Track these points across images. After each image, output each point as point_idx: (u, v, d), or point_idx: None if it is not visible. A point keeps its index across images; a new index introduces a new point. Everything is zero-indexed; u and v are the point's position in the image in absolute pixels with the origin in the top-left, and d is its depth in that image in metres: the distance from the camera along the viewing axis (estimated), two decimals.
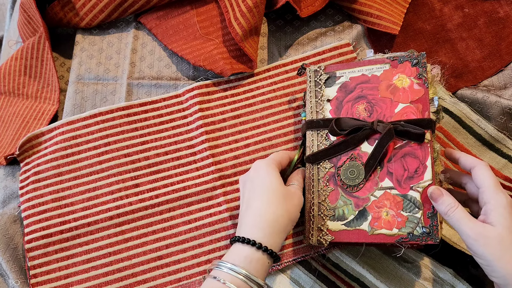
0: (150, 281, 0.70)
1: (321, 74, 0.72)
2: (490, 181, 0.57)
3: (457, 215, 0.56)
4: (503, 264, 0.52)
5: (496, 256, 0.52)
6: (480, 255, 0.54)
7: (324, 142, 0.67)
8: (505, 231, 0.53)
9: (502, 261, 0.52)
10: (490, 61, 0.82)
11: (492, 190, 0.56)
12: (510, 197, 0.56)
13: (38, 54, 0.87)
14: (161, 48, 0.86)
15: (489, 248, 0.53)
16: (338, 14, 0.87)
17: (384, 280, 0.67)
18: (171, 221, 0.72)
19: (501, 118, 0.76)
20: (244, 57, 0.82)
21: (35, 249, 0.71)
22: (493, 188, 0.56)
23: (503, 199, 0.55)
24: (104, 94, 0.83)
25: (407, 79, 0.66)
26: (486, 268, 0.54)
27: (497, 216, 0.54)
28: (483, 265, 0.54)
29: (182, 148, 0.76)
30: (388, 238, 0.60)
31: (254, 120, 0.78)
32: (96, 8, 0.86)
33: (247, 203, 0.62)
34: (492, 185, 0.57)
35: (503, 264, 0.52)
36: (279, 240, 0.59)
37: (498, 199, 0.55)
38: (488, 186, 0.57)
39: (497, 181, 0.57)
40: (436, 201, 0.58)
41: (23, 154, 0.78)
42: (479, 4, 0.87)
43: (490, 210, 0.55)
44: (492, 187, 0.57)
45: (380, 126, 0.63)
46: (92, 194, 0.74)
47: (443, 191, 0.58)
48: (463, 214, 0.56)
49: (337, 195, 0.64)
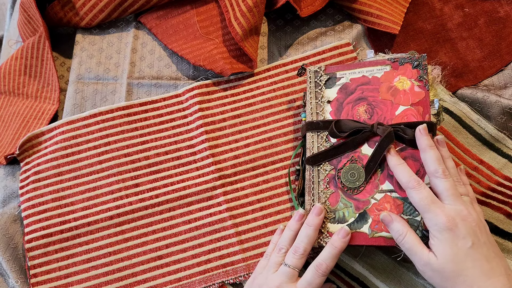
0: (150, 280, 0.70)
1: (321, 75, 0.72)
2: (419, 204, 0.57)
3: (406, 245, 0.56)
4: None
5: (438, 286, 0.55)
6: (428, 281, 0.57)
7: (324, 144, 0.67)
8: (444, 262, 0.54)
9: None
10: (490, 60, 0.82)
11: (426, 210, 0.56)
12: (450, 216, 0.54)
13: (38, 53, 0.86)
14: (161, 47, 0.86)
15: (433, 279, 0.55)
16: (338, 14, 0.86)
17: (384, 280, 0.67)
18: (171, 220, 0.73)
19: (501, 117, 0.76)
20: (244, 57, 0.82)
21: (35, 248, 0.71)
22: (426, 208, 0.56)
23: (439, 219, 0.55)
24: (104, 93, 0.83)
25: (407, 81, 0.66)
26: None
27: (435, 243, 0.55)
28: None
29: (182, 148, 0.77)
30: (388, 241, 0.60)
31: (254, 120, 0.78)
32: (96, 8, 0.86)
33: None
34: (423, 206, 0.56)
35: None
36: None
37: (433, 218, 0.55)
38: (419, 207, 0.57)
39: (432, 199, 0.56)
40: (387, 226, 0.59)
41: (23, 153, 0.78)
42: (479, 4, 0.86)
43: (432, 236, 0.56)
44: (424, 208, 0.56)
45: (380, 129, 0.63)
46: (92, 194, 0.74)
47: (393, 216, 0.59)
48: (412, 242, 0.56)
49: (338, 198, 0.64)
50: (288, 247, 0.63)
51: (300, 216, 0.65)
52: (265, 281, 0.61)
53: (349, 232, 0.62)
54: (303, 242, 0.62)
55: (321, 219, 0.63)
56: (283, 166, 0.75)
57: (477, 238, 0.54)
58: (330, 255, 0.60)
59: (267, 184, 0.74)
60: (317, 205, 0.64)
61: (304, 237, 0.62)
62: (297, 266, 0.61)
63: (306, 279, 0.59)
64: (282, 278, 0.60)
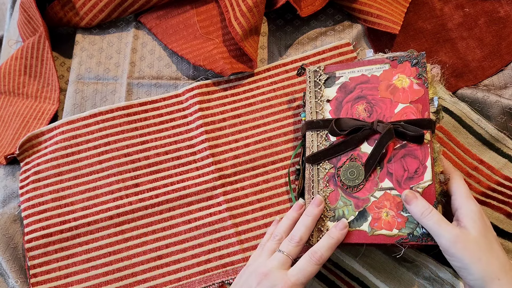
0: (150, 280, 0.70)
1: (320, 74, 0.72)
2: (462, 190, 0.60)
3: (434, 218, 0.56)
4: (481, 266, 0.53)
5: (474, 259, 0.53)
6: (458, 258, 0.54)
7: (324, 143, 0.67)
8: (479, 235, 0.55)
9: (480, 263, 0.53)
10: (491, 60, 0.82)
11: (464, 197, 0.59)
12: (479, 205, 0.58)
13: (38, 53, 0.87)
14: (161, 47, 0.86)
15: (468, 251, 0.54)
16: (338, 14, 0.86)
17: (384, 280, 0.67)
18: (171, 220, 0.72)
19: (501, 117, 0.76)
20: (244, 57, 0.82)
21: (35, 248, 0.71)
22: (465, 196, 0.59)
23: (473, 206, 0.57)
24: (104, 93, 0.83)
25: (406, 79, 0.66)
26: (462, 271, 0.55)
27: (470, 221, 0.56)
28: (459, 268, 0.55)
29: (182, 148, 0.77)
30: (388, 239, 0.60)
31: (254, 119, 0.78)
32: (96, 8, 0.86)
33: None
34: (464, 193, 0.59)
35: (480, 266, 0.53)
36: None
37: (470, 205, 0.58)
38: (460, 194, 0.59)
39: (469, 191, 0.60)
40: (409, 203, 0.59)
41: (23, 153, 0.78)
42: (479, 4, 0.86)
43: (463, 216, 0.57)
44: (464, 195, 0.59)
45: (380, 126, 0.63)
46: (92, 194, 0.74)
47: (417, 195, 0.59)
48: (439, 216, 0.56)
49: (337, 196, 0.64)
50: (284, 235, 0.62)
51: (299, 206, 0.65)
52: (256, 267, 0.60)
53: (347, 224, 0.62)
54: (300, 231, 0.61)
55: (320, 210, 0.63)
56: (283, 166, 0.75)
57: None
58: (326, 244, 0.59)
59: (267, 184, 0.74)
60: (318, 196, 0.64)
61: (301, 226, 0.62)
62: (291, 253, 0.60)
63: (298, 266, 0.58)
64: (274, 263, 0.59)
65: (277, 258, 0.60)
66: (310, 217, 0.62)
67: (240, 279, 0.62)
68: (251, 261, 0.64)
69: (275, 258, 0.60)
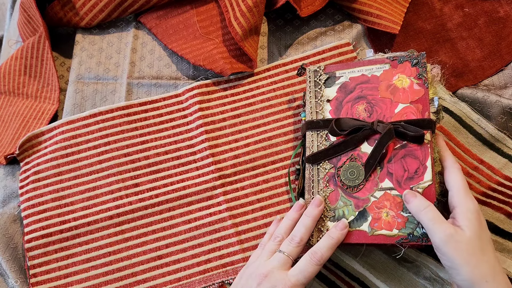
0: (149, 280, 0.70)
1: (320, 74, 0.72)
2: (459, 185, 0.59)
3: (429, 214, 0.56)
4: (470, 269, 0.53)
5: (464, 261, 0.54)
6: (448, 258, 0.54)
7: (324, 143, 0.67)
8: (473, 236, 0.54)
9: (469, 265, 0.53)
10: (491, 60, 0.82)
11: (461, 194, 0.58)
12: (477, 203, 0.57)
13: (38, 53, 0.87)
14: (161, 47, 0.86)
15: (459, 251, 0.54)
16: (338, 14, 0.86)
17: (384, 280, 0.67)
18: (171, 220, 0.72)
19: (501, 117, 0.75)
20: (244, 57, 0.82)
21: (35, 248, 0.71)
22: (463, 193, 0.58)
23: (470, 204, 0.57)
24: (104, 93, 0.83)
25: (407, 79, 0.66)
26: (451, 270, 0.55)
27: (465, 220, 0.55)
28: (448, 267, 0.55)
29: (182, 148, 0.76)
30: (388, 239, 0.60)
31: (254, 119, 0.78)
32: (96, 8, 0.86)
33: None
34: (462, 189, 0.58)
35: (469, 269, 0.53)
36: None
37: (467, 203, 0.57)
38: (457, 190, 0.58)
39: (467, 185, 0.59)
40: (408, 202, 0.59)
41: (23, 153, 0.78)
42: (479, 4, 0.86)
43: (459, 214, 0.56)
44: (462, 192, 0.58)
45: (380, 126, 0.63)
46: (92, 194, 0.74)
47: (417, 194, 0.59)
48: (435, 214, 0.56)
49: (337, 196, 0.64)
50: (284, 236, 0.63)
51: (299, 206, 0.65)
52: (256, 268, 0.60)
53: (347, 224, 0.62)
54: (300, 232, 0.61)
55: (320, 210, 0.63)
56: (283, 166, 0.75)
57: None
58: (326, 245, 0.59)
59: (267, 184, 0.74)
60: (317, 197, 0.64)
61: (301, 227, 0.62)
62: (292, 254, 0.60)
63: (298, 267, 0.58)
64: (274, 264, 0.59)
65: (277, 258, 0.60)
66: (310, 217, 0.62)
67: (240, 280, 0.62)
68: (251, 262, 0.64)
69: (275, 259, 0.60)
